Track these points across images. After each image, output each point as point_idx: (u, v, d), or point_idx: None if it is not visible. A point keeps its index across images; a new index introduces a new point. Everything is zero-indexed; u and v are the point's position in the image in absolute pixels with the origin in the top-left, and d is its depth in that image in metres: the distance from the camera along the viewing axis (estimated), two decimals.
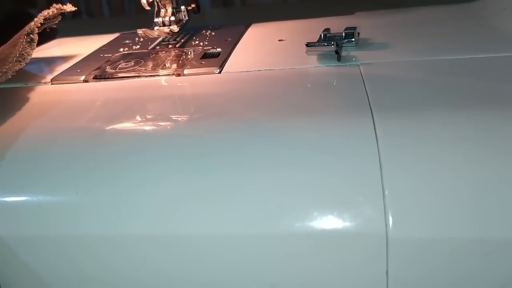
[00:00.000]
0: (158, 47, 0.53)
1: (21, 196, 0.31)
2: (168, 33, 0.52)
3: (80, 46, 0.58)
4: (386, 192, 0.28)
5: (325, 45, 0.42)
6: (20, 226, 0.31)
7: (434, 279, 0.29)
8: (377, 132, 0.30)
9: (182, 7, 0.54)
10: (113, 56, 0.51)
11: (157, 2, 0.53)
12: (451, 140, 0.29)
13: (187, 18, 0.54)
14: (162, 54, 0.50)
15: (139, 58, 0.49)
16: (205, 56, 0.48)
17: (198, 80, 0.42)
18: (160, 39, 0.55)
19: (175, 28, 0.51)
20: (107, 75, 0.45)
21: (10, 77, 0.39)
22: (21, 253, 0.32)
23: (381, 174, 0.28)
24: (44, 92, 0.43)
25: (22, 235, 0.31)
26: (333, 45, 0.42)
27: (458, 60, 0.39)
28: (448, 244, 0.28)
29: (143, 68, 0.46)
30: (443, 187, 0.28)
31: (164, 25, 0.52)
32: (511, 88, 0.34)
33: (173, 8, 0.53)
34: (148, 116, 0.36)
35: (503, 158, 0.28)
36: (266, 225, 0.29)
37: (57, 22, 0.46)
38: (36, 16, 0.44)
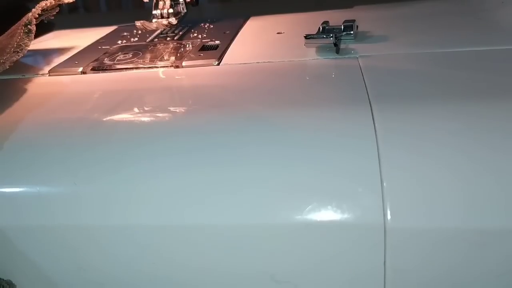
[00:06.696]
0: (156, 39, 0.53)
1: (19, 187, 0.31)
2: (166, 26, 0.52)
3: (78, 38, 0.58)
4: (384, 184, 0.28)
5: (323, 37, 0.42)
6: (19, 216, 0.31)
7: (432, 269, 0.29)
8: (376, 124, 0.30)
9: (181, 0, 0.54)
10: (111, 48, 0.51)
11: None
12: (449, 132, 0.29)
13: (185, 10, 0.54)
14: (160, 46, 0.50)
15: (137, 50, 0.49)
16: (204, 48, 0.48)
17: (196, 72, 0.42)
18: (158, 31, 0.55)
19: (173, 20, 0.51)
20: (105, 67, 0.45)
21: (7, 67, 0.39)
22: (20, 242, 0.32)
23: (380, 165, 0.28)
24: (42, 84, 0.43)
25: (21, 225, 0.31)
26: (332, 38, 0.42)
27: (456, 53, 0.39)
28: (445, 234, 0.28)
29: (141, 60, 0.46)
30: (441, 179, 0.28)
31: (162, 17, 0.52)
32: (509, 81, 0.34)
33: (171, 0, 0.53)
34: (146, 108, 0.36)
35: (500, 150, 0.28)
36: (265, 216, 0.29)
37: (54, 13, 0.46)
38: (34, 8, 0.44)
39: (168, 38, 0.53)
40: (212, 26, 0.56)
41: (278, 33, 0.51)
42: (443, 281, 0.29)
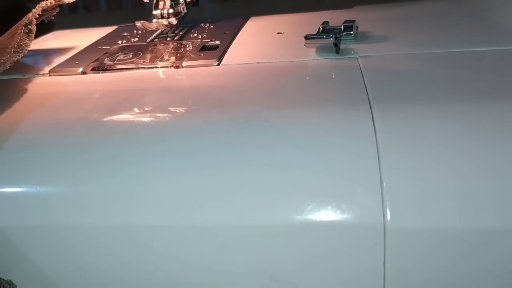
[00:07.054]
0: (157, 39, 0.53)
1: (20, 187, 0.31)
2: (166, 26, 0.52)
3: (78, 39, 0.58)
4: (384, 184, 0.28)
5: (323, 37, 0.42)
6: (19, 216, 0.31)
7: (431, 269, 0.29)
8: (376, 125, 0.30)
9: (181, 0, 0.54)
10: (111, 48, 0.51)
11: None
12: (449, 133, 0.29)
13: (185, 11, 0.54)
14: (160, 47, 0.50)
15: (137, 50, 0.49)
16: (204, 48, 0.48)
17: (196, 72, 0.42)
18: (159, 31, 0.55)
19: (173, 20, 0.51)
20: (105, 67, 0.45)
21: (8, 67, 0.39)
22: (20, 242, 0.32)
23: (379, 166, 0.29)
24: (42, 84, 0.43)
25: (21, 225, 0.31)
26: (332, 38, 0.42)
27: (456, 53, 0.39)
28: (444, 234, 0.28)
29: (141, 60, 0.46)
30: (440, 179, 0.28)
31: (162, 17, 0.52)
32: (509, 81, 0.34)
33: (171, 0, 0.53)
34: (147, 108, 0.36)
35: (499, 151, 0.28)
36: (265, 216, 0.29)
37: (55, 13, 0.46)
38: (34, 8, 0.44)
39: (168, 38, 0.53)
40: (212, 26, 0.56)
41: (278, 33, 0.51)
42: (442, 281, 0.29)
